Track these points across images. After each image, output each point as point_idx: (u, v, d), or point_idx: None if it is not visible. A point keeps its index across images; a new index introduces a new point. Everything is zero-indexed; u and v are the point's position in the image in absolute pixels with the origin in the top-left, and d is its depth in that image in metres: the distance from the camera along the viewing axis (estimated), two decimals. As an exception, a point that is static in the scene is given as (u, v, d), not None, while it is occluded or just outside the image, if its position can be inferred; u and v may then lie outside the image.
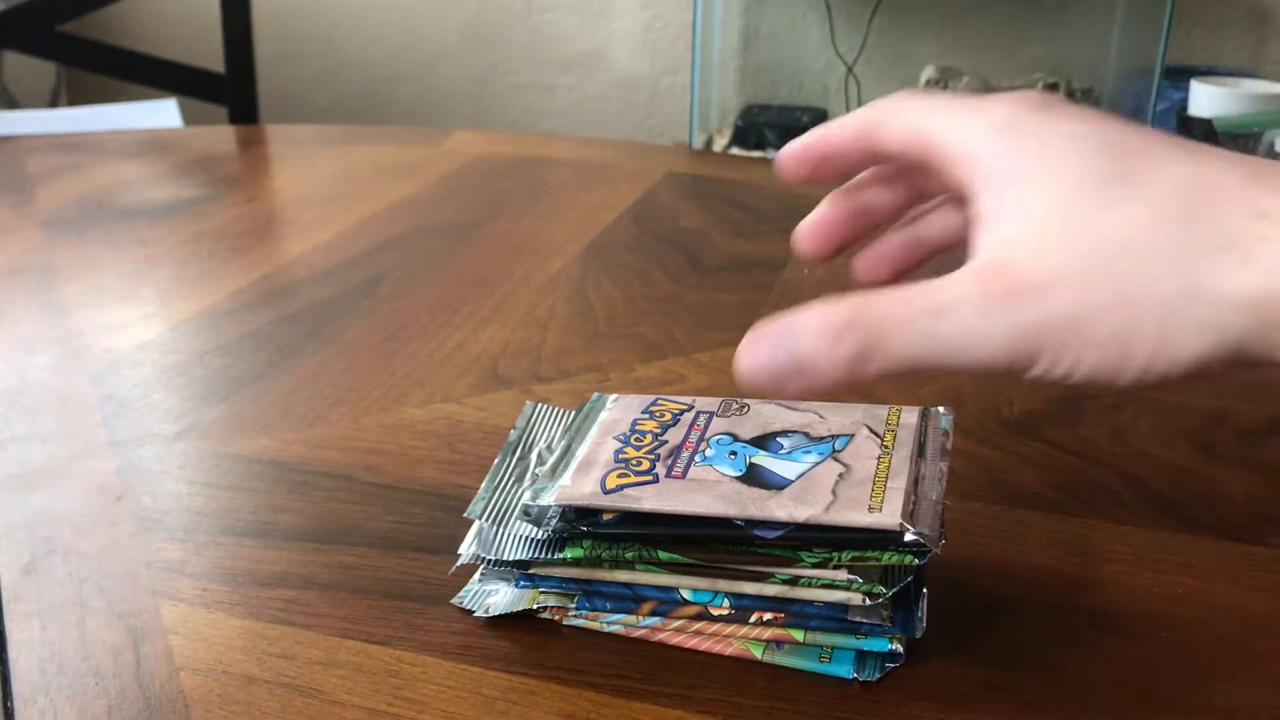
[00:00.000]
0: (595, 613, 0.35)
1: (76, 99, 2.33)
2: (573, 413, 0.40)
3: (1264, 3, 2.05)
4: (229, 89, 1.36)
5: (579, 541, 0.34)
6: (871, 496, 0.32)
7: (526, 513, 0.34)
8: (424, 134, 1.06)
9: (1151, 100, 1.89)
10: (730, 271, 0.70)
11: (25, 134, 1.08)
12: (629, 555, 0.33)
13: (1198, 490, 0.44)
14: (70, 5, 1.38)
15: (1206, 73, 1.91)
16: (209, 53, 1.42)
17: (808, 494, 0.32)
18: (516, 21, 2.35)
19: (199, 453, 0.47)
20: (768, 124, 2.09)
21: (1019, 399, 0.52)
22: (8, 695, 0.33)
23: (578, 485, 0.34)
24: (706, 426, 0.36)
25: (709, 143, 2.16)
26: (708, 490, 0.33)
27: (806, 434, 0.35)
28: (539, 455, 0.37)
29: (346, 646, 0.35)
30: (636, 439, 0.36)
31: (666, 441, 0.36)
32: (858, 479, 0.33)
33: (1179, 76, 1.90)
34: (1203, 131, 1.75)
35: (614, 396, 0.40)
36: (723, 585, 0.33)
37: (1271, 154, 1.67)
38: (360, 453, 0.47)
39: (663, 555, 0.33)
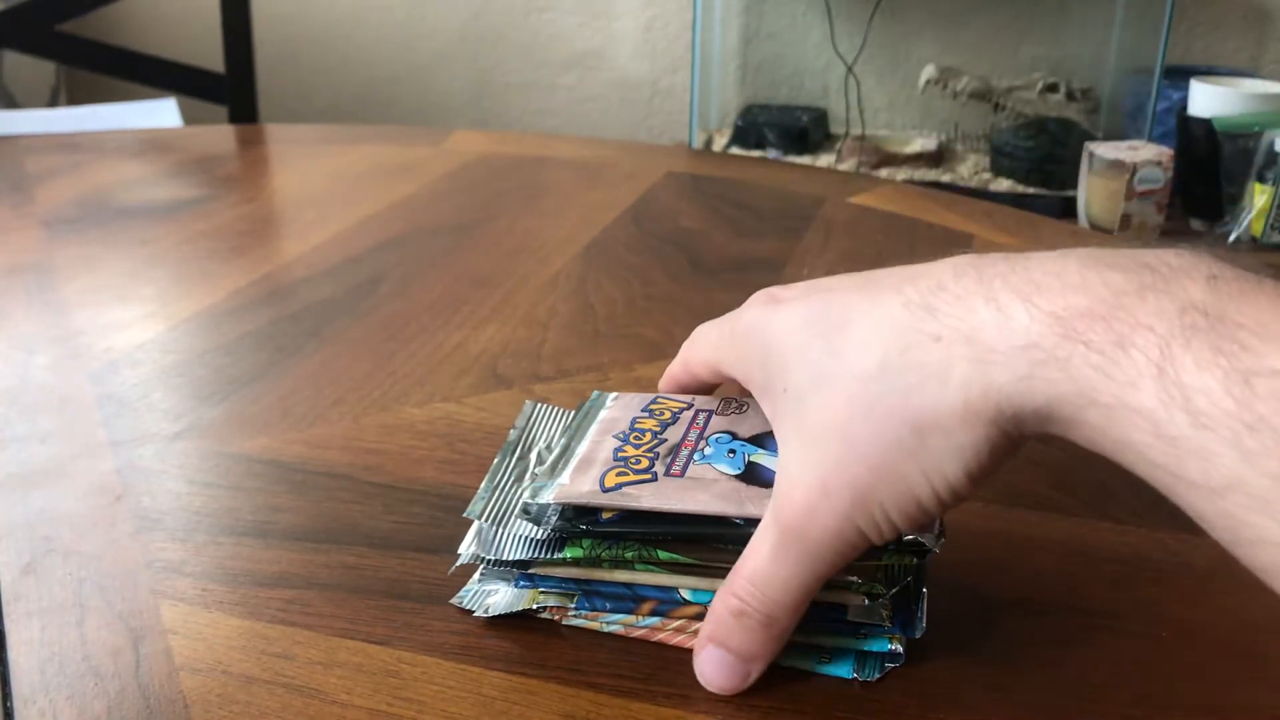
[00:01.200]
0: (595, 612, 0.35)
1: (76, 98, 2.33)
2: (572, 412, 0.40)
3: (1264, 2, 2.05)
4: (229, 89, 1.36)
5: (578, 541, 0.34)
6: None
7: (526, 511, 0.34)
8: (424, 134, 1.06)
9: (1151, 100, 1.89)
10: (730, 271, 0.70)
11: (25, 133, 1.08)
12: (628, 555, 0.33)
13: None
14: (70, 5, 1.38)
15: (1206, 72, 1.91)
16: (209, 52, 1.42)
17: None
18: (516, 21, 2.35)
19: (199, 452, 0.47)
20: (768, 124, 2.09)
21: (1019, 399, 0.52)
22: (7, 695, 0.33)
23: (576, 484, 0.34)
24: (706, 425, 0.36)
25: (709, 142, 2.16)
26: (707, 488, 0.33)
27: None
28: (538, 454, 0.37)
29: (346, 646, 0.35)
30: (636, 437, 0.36)
31: (666, 440, 0.36)
32: None
33: (1179, 76, 1.90)
34: (1203, 131, 1.75)
35: (614, 395, 0.40)
36: (722, 585, 0.33)
37: (1272, 153, 1.67)
38: (360, 452, 0.47)
39: (662, 555, 0.33)
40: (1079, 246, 0.28)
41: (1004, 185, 1.96)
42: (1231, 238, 1.71)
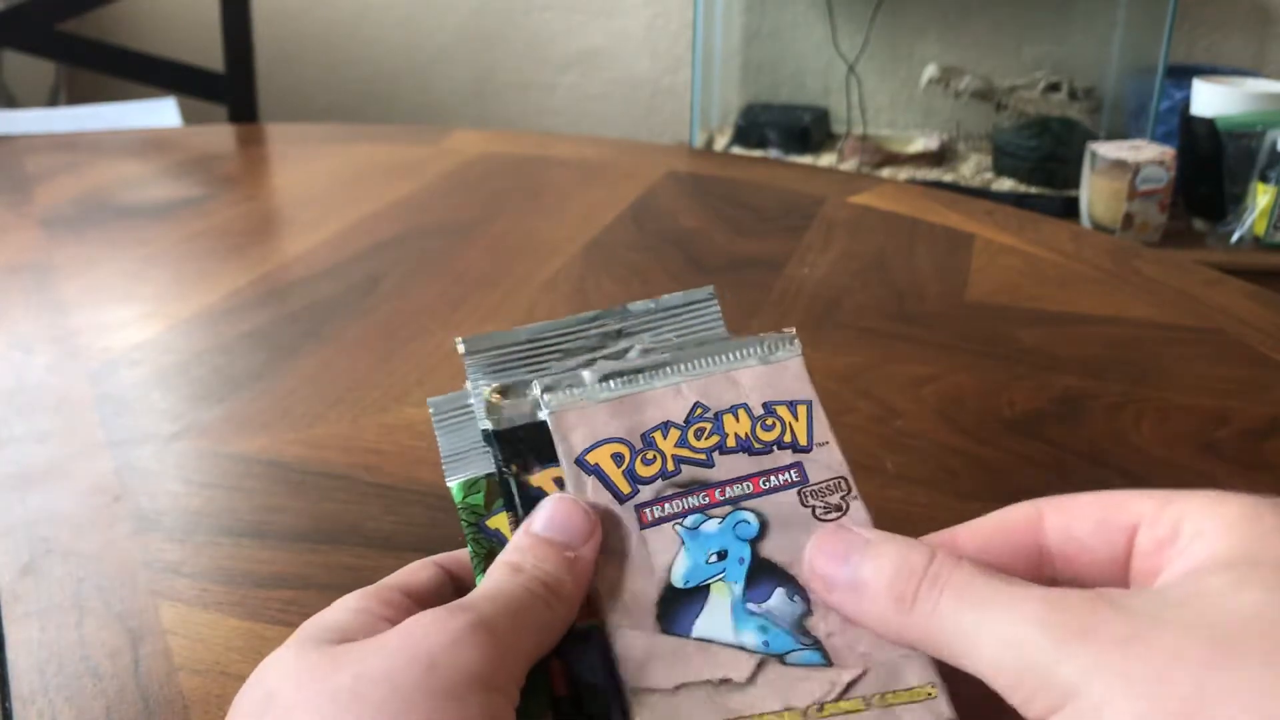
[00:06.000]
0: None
1: (76, 98, 2.33)
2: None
3: (1267, 2, 2.05)
4: (228, 88, 1.36)
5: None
6: None
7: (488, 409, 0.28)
8: (423, 133, 1.06)
9: (1154, 99, 1.89)
10: (730, 271, 0.70)
11: (24, 133, 1.08)
12: None
13: (1199, 490, 0.44)
14: (69, 4, 1.38)
15: (1209, 72, 1.91)
16: (208, 52, 1.42)
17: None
18: (516, 20, 2.35)
19: (197, 453, 0.47)
20: (769, 123, 2.08)
21: (1020, 399, 0.52)
22: (6, 696, 0.33)
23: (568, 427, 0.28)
24: (765, 490, 0.27)
25: (710, 142, 2.16)
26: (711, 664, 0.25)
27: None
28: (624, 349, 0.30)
29: (345, 647, 0.35)
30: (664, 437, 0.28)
31: (699, 479, 0.27)
32: None
33: (1181, 75, 1.89)
34: (1206, 130, 1.74)
35: (790, 352, 0.29)
36: None
37: (1275, 153, 1.67)
38: (359, 453, 0.47)
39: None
40: (1082, 247, 0.26)
41: (1006, 185, 1.96)
42: (1234, 238, 1.71)
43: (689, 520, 0.27)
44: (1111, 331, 0.61)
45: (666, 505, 0.27)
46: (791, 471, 0.27)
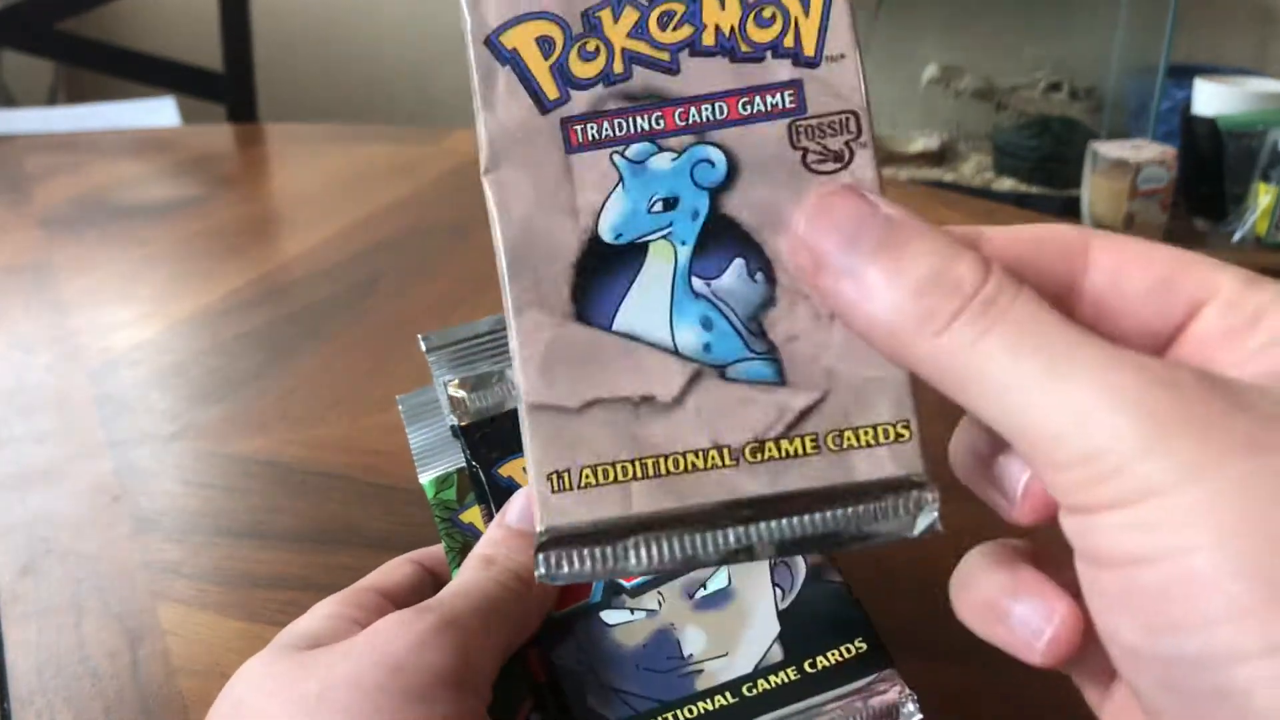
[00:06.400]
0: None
1: (75, 97, 2.33)
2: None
3: (1268, 1, 2.04)
4: (227, 87, 1.36)
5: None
6: None
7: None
8: (423, 133, 1.06)
9: (1155, 99, 1.88)
10: (731, 270, 0.70)
11: (23, 132, 1.07)
12: None
13: None
14: (69, 4, 1.38)
15: (1210, 71, 1.91)
16: (207, 51, 1.42)
17: None
18: (517, 20, 2.35)
19: (196, 453, 0.47)
20: (769, 123, 2.09)
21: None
22: (5, 697, 0.33)
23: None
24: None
25: (710, 141, 2.16)
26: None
27: None
28: None
29: (344, 648, 0.34)
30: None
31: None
32: None
33: (1183, 75, 1.89)
34: (1207, 130, 1.74)
35: None
36: None
37: (1276, 152, 1.67)
38: (358, 453, 0.47)
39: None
40: None
41: (1007, 184, 1.95)
42: (1236, 237, 1.71)
43: (633, 150, 0.20)
44: (1113, 331, 0.60)
45: (606, 124, 0.20)
46: (786, 93, 0.20)
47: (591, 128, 0.19)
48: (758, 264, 0.19)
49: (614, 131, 0.19)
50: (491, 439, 0.28)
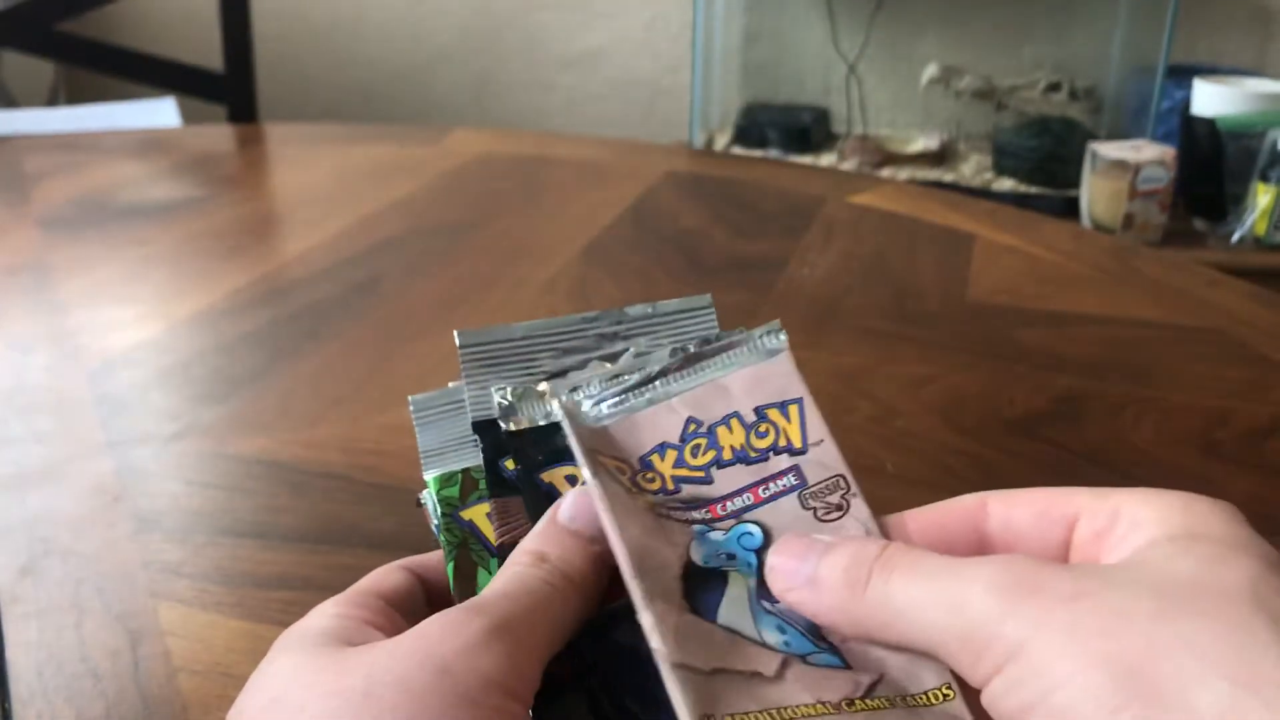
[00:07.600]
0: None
1: (75, 98, 2.33)
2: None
3: (1268, 2, 2.05)
4: (228, 88, 1.36)
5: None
6: None
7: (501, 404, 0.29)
8: (423, 133, 1.06)
9: (1154, 99, 1.89)
10: (730, 271, 0.70)
11: (23, 133, 1.07)
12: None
13: (1200, 490, 0.44)
14: (69, 4, 1.38)
15: (1210, 71, 1.91)
16: (208, 51, 1.42)
17: None
18: (516, 20, 2.35)
19: (197, 453, 0.47)
20: (769, 123, 2.08)
21: (1020, 399, 0.52)
22: (5, 697, 0.33)
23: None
24: (766, 498, 0.27)
25: (710, 142, 2.15)
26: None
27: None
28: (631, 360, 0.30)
29: (345, 648, 0.34)
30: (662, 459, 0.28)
31: (700, 496, 0.27)
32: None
33: (1182, 75, 1.89)
34: (1206, 130, 1.74)
35: (779, 354, 0.29)
36: None
37: (1275, 153, 1.67)
38: (359, 453, 0.47)
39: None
40: (1082, 247, 0.26)
41: (1006, 185, 1.95)
42: (1235, 238, 1.71)
43: (694, 528, 0.26)
44: (1112, 332, 0.61)
45: (673, 514, 0.26)
46: (790, 476, 0.27)
47: (663, 513, 0.26)
48: None
49: (679, 520, 0.26)
50: (539, 444, 0.29)
